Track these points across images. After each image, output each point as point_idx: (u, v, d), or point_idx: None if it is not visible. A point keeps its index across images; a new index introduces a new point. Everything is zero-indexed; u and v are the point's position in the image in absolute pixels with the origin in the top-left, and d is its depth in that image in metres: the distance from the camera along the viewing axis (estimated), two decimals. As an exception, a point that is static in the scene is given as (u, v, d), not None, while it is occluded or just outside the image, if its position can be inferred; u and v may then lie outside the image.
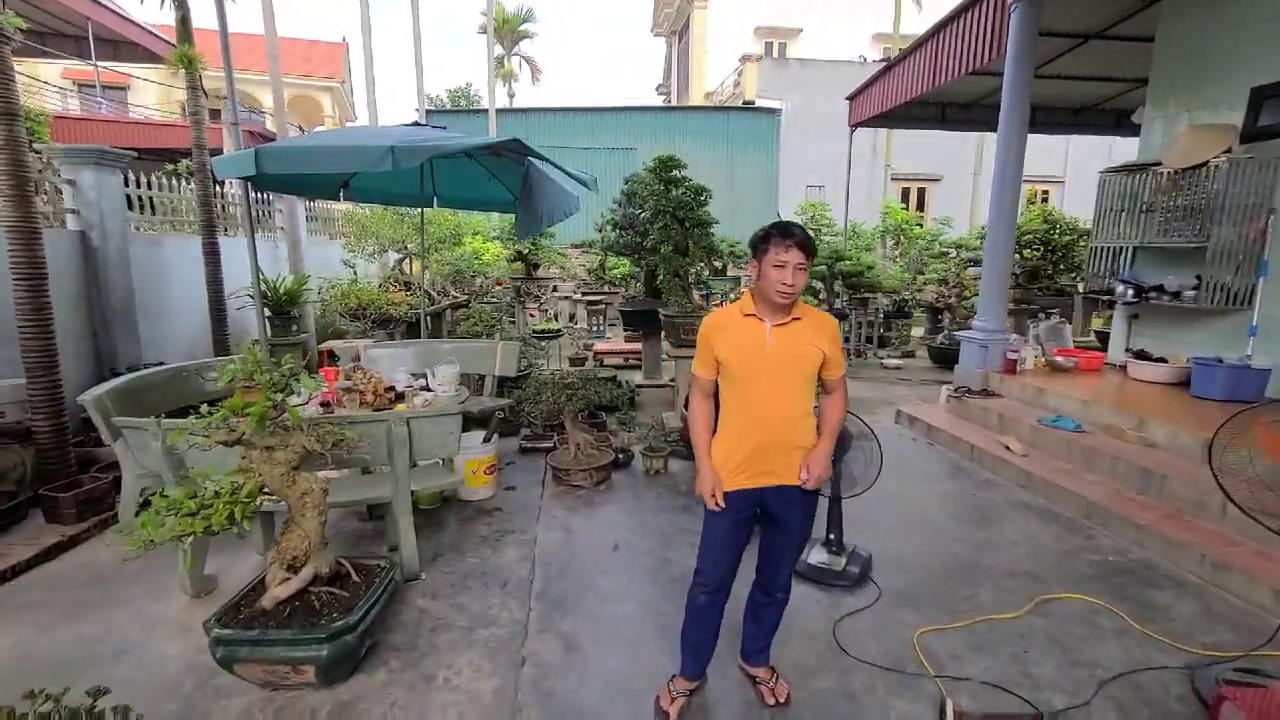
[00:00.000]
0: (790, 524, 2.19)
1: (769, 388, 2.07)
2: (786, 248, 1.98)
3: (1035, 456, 4.66)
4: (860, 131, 10.17)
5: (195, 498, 2.08)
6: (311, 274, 7.61)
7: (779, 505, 2.17)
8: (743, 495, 2.14)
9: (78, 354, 4.77)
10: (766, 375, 2.05)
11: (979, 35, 6.24)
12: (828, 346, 2.09)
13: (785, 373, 2.06)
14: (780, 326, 2.06)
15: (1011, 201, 5.87)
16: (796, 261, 1.98)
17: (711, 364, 2.13)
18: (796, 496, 2.16)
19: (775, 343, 2.04)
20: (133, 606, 2.94)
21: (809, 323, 2.10)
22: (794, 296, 2.02)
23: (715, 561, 2.20)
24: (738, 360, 2.06)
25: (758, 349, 2.05)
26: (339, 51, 24.38)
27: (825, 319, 2.15)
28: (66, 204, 4.76)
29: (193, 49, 5.01)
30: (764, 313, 2.08)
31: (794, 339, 2.06)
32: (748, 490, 2.13)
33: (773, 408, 2.08)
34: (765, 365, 2.04)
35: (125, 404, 3.36)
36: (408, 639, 2.72)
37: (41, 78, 18.33)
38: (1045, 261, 9.58)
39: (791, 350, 2.05)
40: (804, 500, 2.19)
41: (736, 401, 2.11)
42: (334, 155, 4.04)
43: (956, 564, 3.40)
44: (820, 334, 2.09)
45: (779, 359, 2.04)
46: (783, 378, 2.06)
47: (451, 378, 4.13)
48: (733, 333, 2.09)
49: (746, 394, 2.09)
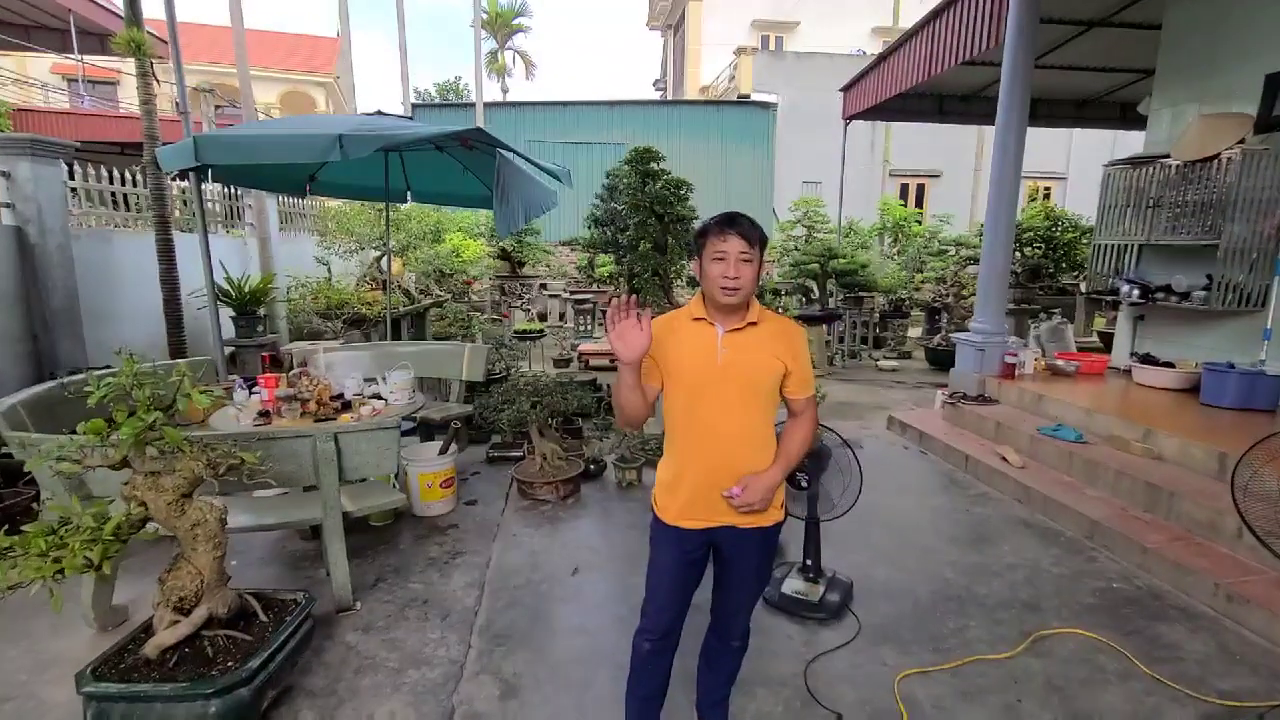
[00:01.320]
0: (745, 569, 1.90)
1: (719, 405, 1.76)
2: (724, 237, 1.71)
3: (1034, 469, 4.36)
4: (858, 127, 9.86)
5: (52, 534, 1.78)
6: (283, 272, 7.32)
7: (733, 548, 1.86)
8: (692, 535, 1.84)
9: (15, 358, 4.49)
10: (716, 390, 1.76)
11: (976, 22, 5.92)
12: (790, 358, 1.79)
13: (739, 387, 1.76)
14: (734, 333, 1.77)
15: (1011, 196, 5.56)
16: (738, 251, 1.70)
17: (655, 373, 1.82)
18: (754, 539, 1.85)
19: (728, 351, 1.75)
20: (29, 641, 2.66)
21: (769, 329, 1.81)
22: (740, 293, 1.72)
23: (660, 606, 1.90)
24: (684, 371, 1.78)
25: (707, 358, 1.76)
26: (333, 47, 24.03)
27: (789, 326, 1.87)
28: (1, 198, 4.47)
29: (140, 33, 4.72)
30: (715, 317, 1.79)
31: (750, 347, 1.77)
32: (698, 530, 1.84)
33: (724, 429, 1.77)
34: (715, 378, 1.75)
35: (44, 415, 3.08)
36: (327, 682, 2.43)
37: (30, 73, 18.07)
38: (1047, 260, 9.26)
39: (746, 361, 1.76)
40: (762, 543, 1.88)
41: (682, 420, 1.81)
42: (280, 144, 3.77)
43: (946, 591, 3.11)
44: (782, 342, 1.80)
45: (731, 371, 1.75)
46: (735, 393, 1.76)
47: (405, 384, 3.84)
48: (680, 338, 1.80)
49: (693, 411, 1.79)
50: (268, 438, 2.57)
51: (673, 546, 1.86)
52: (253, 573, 3.27)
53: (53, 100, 16.88)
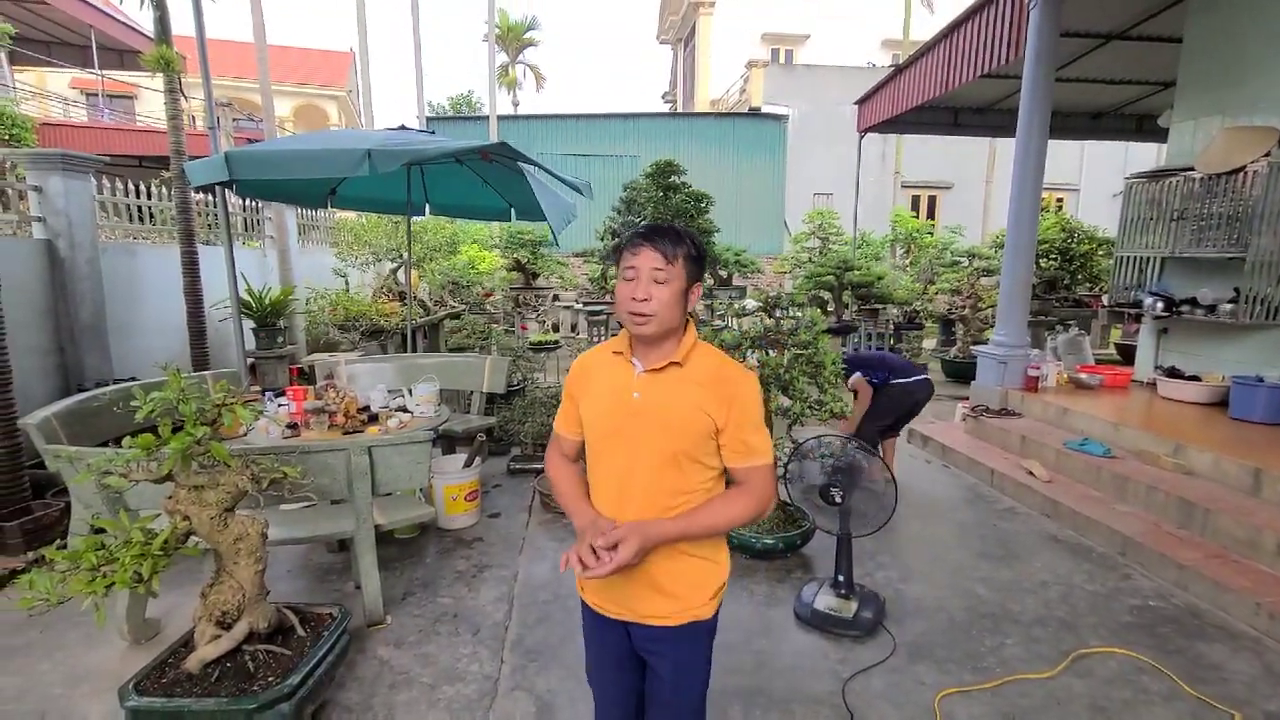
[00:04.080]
0: (658, 684, 1.49)
1: (627, 459, 1.40)
2: (635, 250, 1.36)
3: (1061, 483, 4.32)
4: (870, 139, 9.88)
5: (102, 549, 1.79)
6: (302, 284, 7.38)
7: (646, 648, 1.48)
8: (613, 625, 1.50)
9: (43, 370, 4.52)
10: (626, 440, 1.40)
11: (995, 36, 5.94)
12: (720, 412, 1.36)
13: (650, 440, 1.37)
14: (654, 373, 1.40)
15: (1032, 208, 5.55)
16: (651, 268, 1.34)
17: (574, 418, 1.52)
18: (665, 640, 1.44)
19: (645, 393, 1.39)
20: (64, 654, 2.66)
21: (699, 372, 1.39)
22: (652, 322, 1.34)
23: (601, 711, 1.62)
24: (594, 414, 1.46)
25: (617, 400, 1.41)
26: (345, 61, 24.40)
27: (729, 372, 1.41)
28: (32, 211, 4.53)
29: (170, 50, 4.79)
30: (636, 351, 1.43)
31: (669, 392, 1.38)
32: (611, 619, 1.49)
33: (633, 491, 1.39)
34: (625, 425, 1.40)
35: (76, 427, 3.10)
36: (363, 697, 2.42)
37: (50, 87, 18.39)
38: (1063, 272, 9.22)
39: (662, 408, 1.38)
40: (674, 646, 1.45)
41: (591, 474, 1.50)
42: (310, 159, 3.81)
43: (980, 608, 3.07)
44: (710, 392, 1.37)
45: (646, 419, 1.38)
46: (649, 448, 1.37)
47: (430, 397, 3.85)
48: (595, 376, 1.49)
49: (600, 463, 1.46)
50: (305, 451, 2.57)
51: (595, 635, 1.55)
52: (282, 585, 3.27)
53: (72, 114, 17.16)
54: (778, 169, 15.50)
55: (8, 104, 6.45)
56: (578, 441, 1.54)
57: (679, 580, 1.42)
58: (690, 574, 1.43)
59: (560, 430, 1.58)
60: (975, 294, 8.74)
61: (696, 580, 1.44)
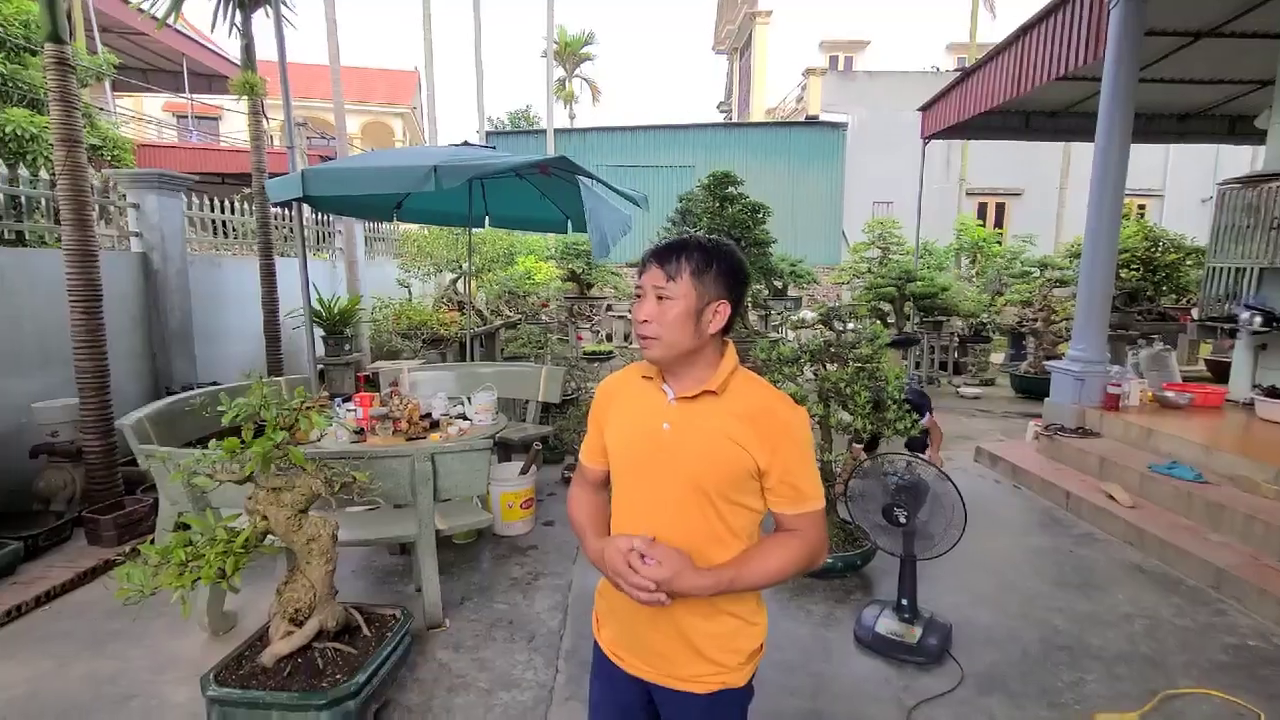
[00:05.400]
0: None
1: (654, 495, 1.25)
2: (645, 268, 1.26)
3: (1145, 509, 4.04)
4: (933, 145, 9.59)
5: (190, 545, 1.90)
6: (368, 294, 7.69)
7: (672, 713, 1.32)
8: (623, 678, 1.34)
9: (137, 374, 4.86)
10: (653, 474, 1.25)
11: (1072, 36, 5.67)
12: (764, 451, 1.20)
13: (680, 478, 1.22)
14: (686, 402, 1.25)
15: (1112, 216, 5.25)
16: (654, 285, 1.22)
17: (599, 448, 1.39)
18: (693, 709, 1.28)
19: (676, 425, 1.25)
20: (150, 642, 2.83)
21: (738, 405, 1.23)
22: (658, 345, 1.23)
23: None
24: (618, 444, 1.33)
25: (647, 430, 1.27)
26: (411, 80, 25.46)
27: (775, 406, 1.24)
28: (130, 227, 4.89)
29: (255, 75, 5.11)
30: (668, 376, 1.29)
31: (701, 425, 1.23)
32: (628, 676, 1.33)
33: (654, 529, 1.23)
34: (653, 458, 1.26)
35: (165, 428, 3.32)
36: (423, 699, 2.47)
37: (145, 111, 19.88)
38: (1145, 283, 8.68)
39: (694, 443, 1.22)
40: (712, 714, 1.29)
41: (615, 511, 1.35)
42: (379, 176, 3.98)
43: (1055, 640, 2.89)
44: (750, 427, 1.20)
45: (676, 452, 1.23)
46: (678, 484, 1.23)
47: (489, 405, 3.93)
48: (622, 402, 1.36)
49: (625, 498, 1.32)
50: (372, 457, 2.67)
51: (603, 678, 1.39)
52: (345, 586, 3.38)
53: (164, 135, 18.51)
54: (835, 178, 15.23)
55: (111, 128, 7.03)
56: (604, 472, 1.40)
57: (710, 640, 1.25)
58: (724, 634, 1.26)
59: (585, 460, 1.43)
60: (1048, 306, 8.33)
61: (730, 642, 1.27)
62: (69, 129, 3.67)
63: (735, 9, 22.61)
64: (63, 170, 3.65)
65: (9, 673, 2.63)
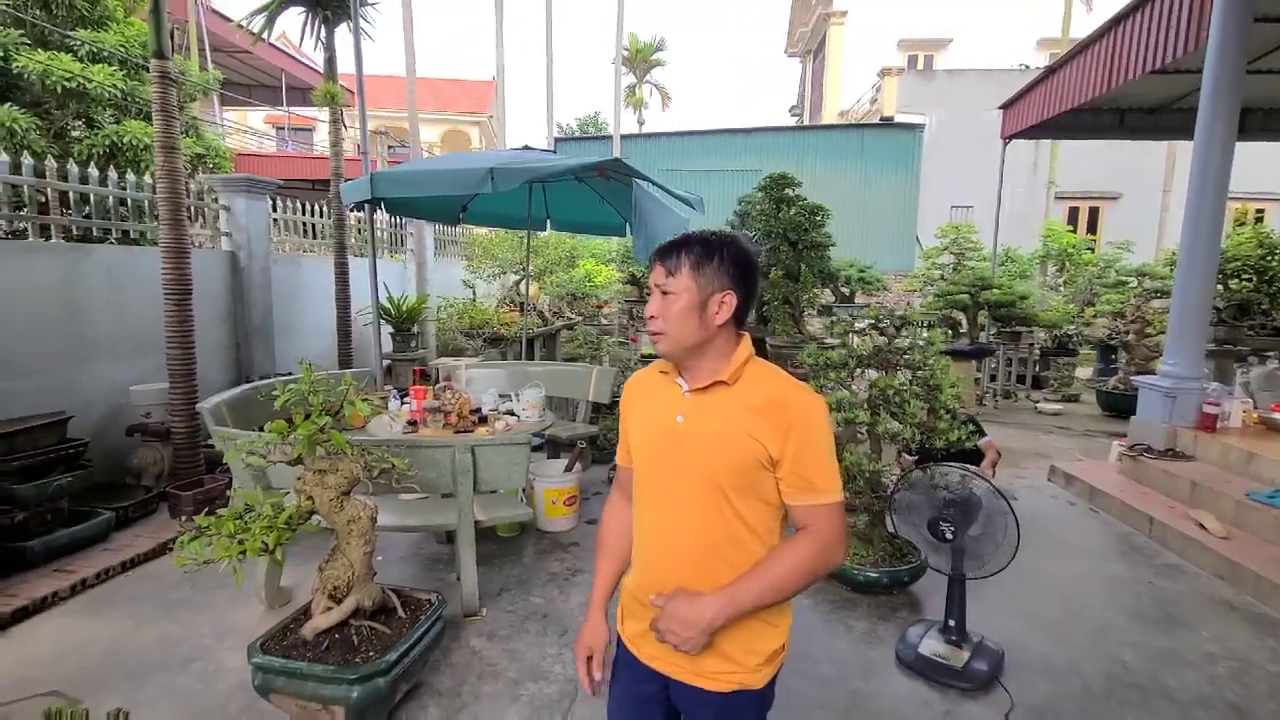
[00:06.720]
0: None
1: (667, 490, 1.27)
2: (652, 267, 1.29)
3: (1241, 541, 3.65)
4: (1019, 145, 9.08)
5: (240, 518, 2.03)
6: (434, 293, 8.02)
7: (688, 709, 1.33)
8: (643, 669, 1.34)
9: (223, 364, 5.26)
10: (668, 469, 1.27)
11: (1170, 26, 5.22)
12: (776, 442, 1.19)
13: (697, 471, 1.23)
14: (700, 394, 1.26)
15: (1212, 221, 4.80)
16: (658, 282, 1.25)
17: (627, 447, 1.41)
18: (709, 708, 1.28)
19: (690, 417, 1.26)
20: (212, 611, 3.04)
21: (752, 395, 1.23)
22: (665, 340, 1.25)
23: None
24: (638, 439, 1.35)
25: (662, 423, 1.29)
26: (488, 89, 26.40)
27: (789, 394, 1.23)
28: (222, 228, 5.30)
29: (335, 86, 5.44)
30: (683, 370, 1.30)
31: (714, 416, 1.23)
32: (647, 668, 1.34)
33: (670, 526, 1.26)
34: (668, 451, 1.27)
35: (240, 413, 3.57)
36: (453, 683, 2.54)
37: (249, 123, 21.54)
38: (1259, 294, 7.87)
39: (707, 434, 1.23)
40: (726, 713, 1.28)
41: (636, 508, 1.37)
42: (439, 177, 4.16)
43: (1123, 677, 2.66)
44: (764, 419, 1.20)
45: (690, 445, 1.24)
46: (692, 478, 1.23)
47: (536, 402, 4.00)
48: (643, 398, 1.38)
49: (641, 493, 1.34)
50: (414, 445, 2.77)
51: (624, 669, 1.41)
52: (393, 570, 3.53)
53: (264, 145, 20.00)
54: (910, 181, 14.65)
55: (215, 138, 7.69)
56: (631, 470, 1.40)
57: (728, 637, 1.23)
58: (742, 634, 1.24)
59: (620, 461, 1.43)
60: (1142, 317, 7.70)
61: (750, 642, 1.25)
62: (168, 136, 4.02)
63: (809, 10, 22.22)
64: (162, 174, 4.00)
65: (98, 630, 2.90)
